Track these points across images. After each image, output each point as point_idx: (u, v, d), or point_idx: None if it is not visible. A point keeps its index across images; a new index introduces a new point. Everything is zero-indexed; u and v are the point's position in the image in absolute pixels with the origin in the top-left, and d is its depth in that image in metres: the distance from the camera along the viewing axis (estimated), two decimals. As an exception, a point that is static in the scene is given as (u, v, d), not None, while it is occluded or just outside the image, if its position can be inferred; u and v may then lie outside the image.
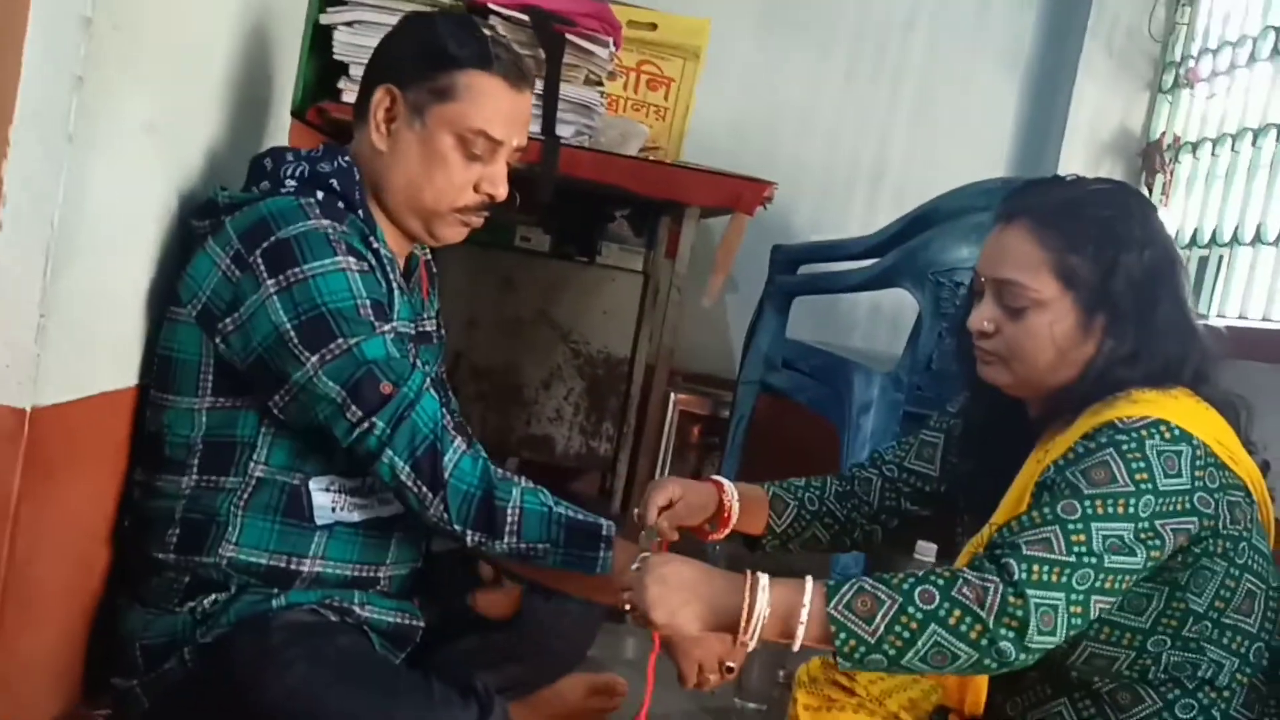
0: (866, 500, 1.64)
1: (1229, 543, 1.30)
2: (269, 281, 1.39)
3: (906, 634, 1.19)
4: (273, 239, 1.40)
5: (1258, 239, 2.85)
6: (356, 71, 2.27)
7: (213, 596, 1.44)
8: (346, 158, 1.53)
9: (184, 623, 1.43)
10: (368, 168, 1.54)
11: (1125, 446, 1.25)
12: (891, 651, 1.20)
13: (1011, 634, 1.19)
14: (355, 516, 1.49)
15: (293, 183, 1.49)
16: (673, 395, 3.48)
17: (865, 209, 3.61)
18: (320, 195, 1.48)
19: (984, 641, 1.19)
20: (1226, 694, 1.31)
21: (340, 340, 1.38)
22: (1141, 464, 1.24)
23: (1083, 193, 1.39)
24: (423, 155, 1.50)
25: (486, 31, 1.54)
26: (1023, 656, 1.20)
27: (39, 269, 1.21)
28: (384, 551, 1.53)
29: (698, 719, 1.98)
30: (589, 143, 2.38)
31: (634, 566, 1.28)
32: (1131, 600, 1.29)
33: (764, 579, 1.26)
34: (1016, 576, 1.20)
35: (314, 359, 1.37)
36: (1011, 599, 1.19)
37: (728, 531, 1.59)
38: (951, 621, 1.19)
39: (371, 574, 1.52)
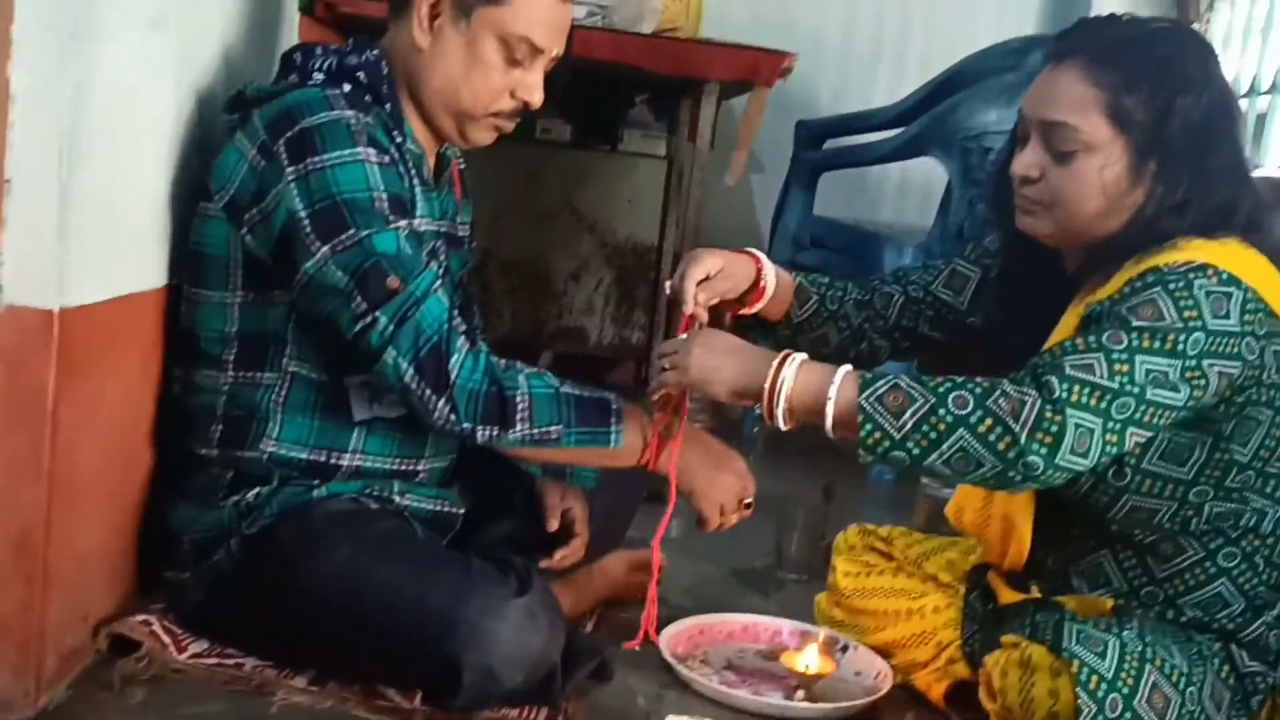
0: (883, 315, 1.60)
1: (1274, 391, 1.28)
2: (289, 169, 1.39)
3: (934, 434, 1.20)
4: (296, 128, 1.41)
5: (1296, 86, 2.76)
6: (363, -35, 2.24)
7: (256, 489, 1.46)
8: (375, 52, 1.52)
9: (229, 515, 1.46)
10: (403, 63, 1.53)
11: (1173, 286, 1.23)
12: (916, 451, 1.21)
13: (1044, 449, 1.18)
14: (393, 413, 1.50)
15: (320, 75, 1.49)
16: (703, 281, 3.46)
17: (891, 78, 3.52)
18: (347, 88, 1.48)
19: (1012, 454, 1.18)
20: (1271, 540, 1.31)
21: (352, 231, 1.37)
22: (1189, 302, 1.22)
23: (1140, 31, 1.34)
24: (464, 56, 1.49)
25: None
26: (1050, 473, 1.19)
27: (54, 168, 1.21)
28: (422, 445, 1.54)
29: (738, 590, 2.01)
30: (602, 23, 2.34)
31: (680, 336, 1.37)
32: (1174, 451, 1.28)
33: (799, 357, 1.29)
34: (1057, 394, 1.19)
35: (325, 248, 1.37)
36: (1049, 414, 1.18)
37: (759, 306, 1.55)
38: (982, 429, 1.19)
39: (411, 467, 1.54)
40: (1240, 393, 1.27)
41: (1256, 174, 1.40)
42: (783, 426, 1.30)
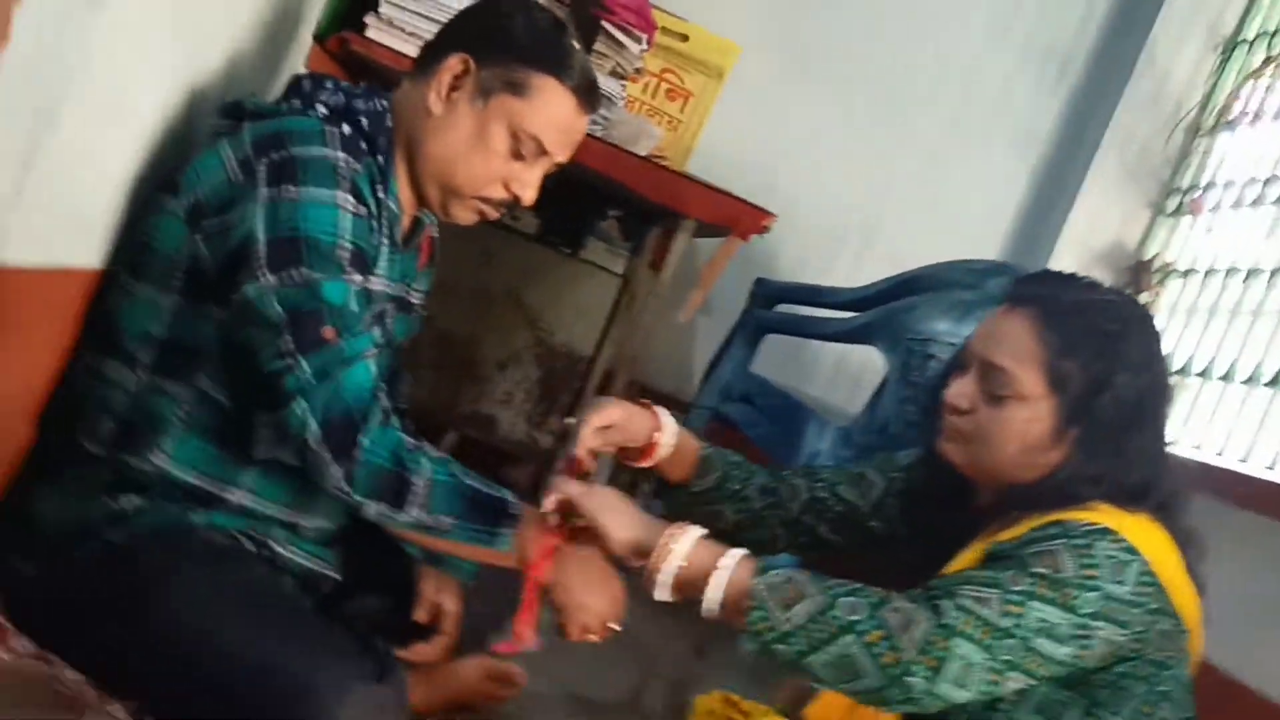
0: (787, 506, 1.58)
1: (1153, 667, 1.29)
2: (263, 190, 1.35)
3: (821, 634, 1.18)
4: (284, 153, 1.37)
5: (1227, 377, 2.88)
6: (386, 10, 2.25)
7: (132, 498, 1.38)
8: (384, 102, 1.50)
9: (97, 517, 1.38)
10: (408, 122, 1.50)
11: (1076, 541, 1.25)
12: (799, 647, 1.19)
13: (927, 672, 1.17)
14: (294, 458, 1.43)
15: (324, 109, 1.46)
16: (625, 404, 3.45)
17: (852, 262, 3.60)
18: (347, 129, 1.44)
19: (895, 670, 1.17)
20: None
21: (304, 270, 1.33)
22: (1090, 561, 1.23)
23: (1094, 298, 1.36)
24: (471, 135, 1.48)
25: (576, 44, 1.52)
26: (925, 700, 1.19)
27: (28, 123, 1.16)
28: (314, 500, 1.47)
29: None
30: (600, 133, 2.36)
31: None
32: (1048, 707, 1.28)
33: (695, 531, 1.28)
34: (947, 620, 1.18)
35: (272, 278, 1.32)
36: (936, 638, 1.17)
37: (650, 463, 1.54)
38: (869, 639, 1.17)
39: (298, 519, 1.47)
40: (1122, 663, 1.28)
41: (1175, 452, 1.43)
42: (665, 596, 1.27)
